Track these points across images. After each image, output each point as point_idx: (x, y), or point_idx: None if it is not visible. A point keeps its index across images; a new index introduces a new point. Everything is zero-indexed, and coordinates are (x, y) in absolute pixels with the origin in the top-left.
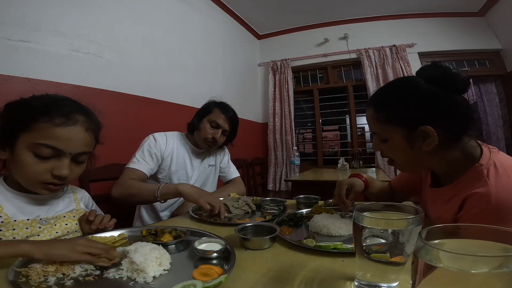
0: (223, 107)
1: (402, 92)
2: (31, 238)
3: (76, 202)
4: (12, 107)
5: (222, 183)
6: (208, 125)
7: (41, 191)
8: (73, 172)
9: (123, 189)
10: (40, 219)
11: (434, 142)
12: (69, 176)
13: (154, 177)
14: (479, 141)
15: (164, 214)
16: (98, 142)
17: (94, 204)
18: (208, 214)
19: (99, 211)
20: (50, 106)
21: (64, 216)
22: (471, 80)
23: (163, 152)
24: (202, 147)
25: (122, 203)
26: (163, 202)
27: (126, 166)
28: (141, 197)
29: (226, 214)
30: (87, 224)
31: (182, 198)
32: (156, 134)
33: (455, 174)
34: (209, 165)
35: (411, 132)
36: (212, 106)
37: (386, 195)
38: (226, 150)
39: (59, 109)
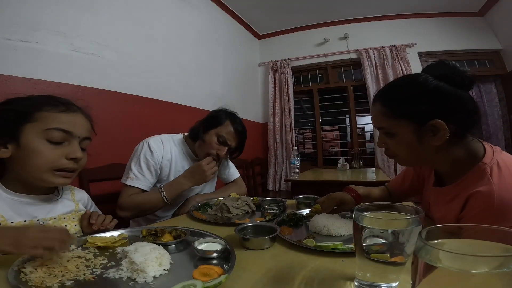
0: (235, 121)
1: (412, 87)
2: None
3: (75, 203)
4: (12, 101)
5: (222, 184)
6: (215, 139)
7: (53, 180)
8: (82, 159)
9: (131, 210)
10: (38, 220)
11: (445, 136)
12: (81, 160)
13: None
14: (481, 140)
15: (159, 211)
16: (94, 132)
17: (94, 205)
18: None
19: (99, 212)
20: (49, 97)
21: (64, 218)
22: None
23: (161, 162)
24: (201, 158)
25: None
26: (170, 203)
27: (124, 181)
28: (152, 209)
29: (226, 214)
30: (89, 224)
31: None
32: (151, 142)
33: (458, 173)
34: None
35: (420, 127)
36: (223, 119)
37: (385, 201)
38: None
39: (58, 100)
